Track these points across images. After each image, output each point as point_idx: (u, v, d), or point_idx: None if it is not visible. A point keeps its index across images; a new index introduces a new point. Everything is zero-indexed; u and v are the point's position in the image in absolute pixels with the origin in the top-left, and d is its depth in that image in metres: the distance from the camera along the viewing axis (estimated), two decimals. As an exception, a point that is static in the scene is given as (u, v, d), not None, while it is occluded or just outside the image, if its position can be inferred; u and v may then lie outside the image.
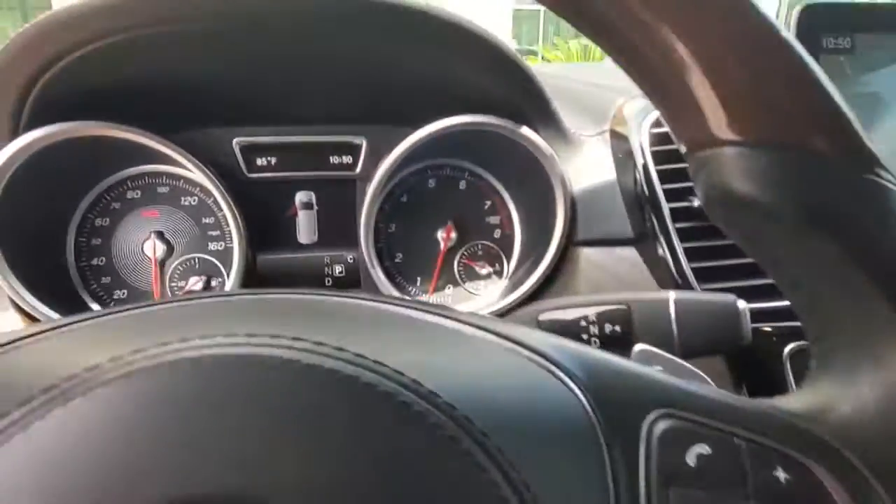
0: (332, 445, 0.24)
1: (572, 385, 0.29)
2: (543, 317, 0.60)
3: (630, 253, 0.82)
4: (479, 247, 0.98)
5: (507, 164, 0.93)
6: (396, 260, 0.97)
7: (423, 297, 0.97)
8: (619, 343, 0.54)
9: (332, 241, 0.96)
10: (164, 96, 0.80)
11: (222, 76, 0.80)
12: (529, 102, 0.79)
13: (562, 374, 0.29)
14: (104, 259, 0.89)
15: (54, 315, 0.77)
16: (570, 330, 0.57)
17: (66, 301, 0.84)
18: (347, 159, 0.94)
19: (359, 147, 0.94)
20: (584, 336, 0.56)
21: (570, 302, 0.59)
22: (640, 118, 0.81)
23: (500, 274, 0.98)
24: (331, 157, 0.94)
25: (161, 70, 0.75)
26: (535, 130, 0.81)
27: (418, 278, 0.97)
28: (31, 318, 0.77)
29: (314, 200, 0.95)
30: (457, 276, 0.98)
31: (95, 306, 0.88)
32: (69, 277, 0.87)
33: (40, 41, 0.64)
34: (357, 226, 0.95)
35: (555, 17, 0.30)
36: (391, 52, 0.75)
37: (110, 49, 0.66)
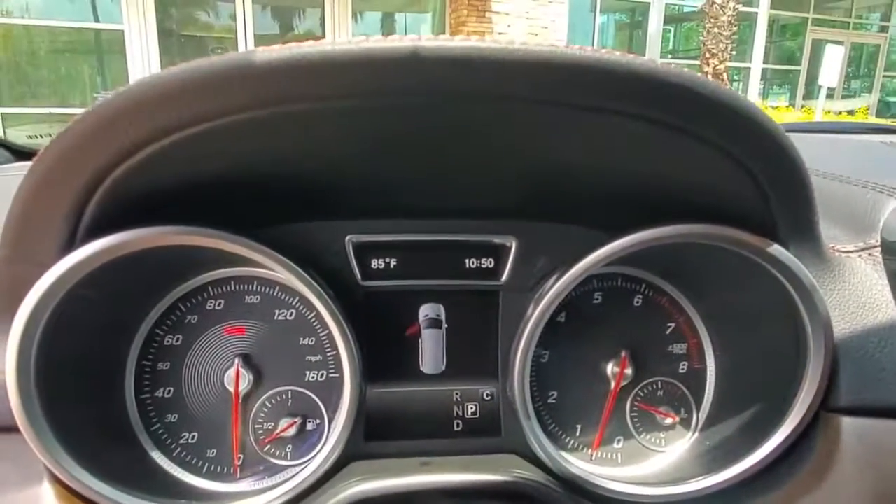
0: None
1: None
2: None
3: (931, 432, 0.56)
4: (659, 385, 0.73)
5: (709, 280, 0.69)
6: (550, 400, 0.72)
7: (585, 452, 0.72)
8: None
9: (463, 372, 0.73)
10: (262, 185, 0.59)
11: (336, 157, 0.58)
12: (787, 210, 0.55)
13: None
14: (172, 390, 0.67)
15: (100, 486, 0.54)
16: None
17: (118, 452, 0.63)
18: (488, 263, 0.72)
19: (505, 249, 0.71)
20: None
21: None
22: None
23: (686, 423, 0.73)
24: (467, 261, 0.72)
25: (262, 155, 0.54)
26: (785, 246, 0.57)
27: (578, 426, 0.72)
28: (68, 490, 0.55)
29: (443, 316, 0.72)
30: (629, 424, 0.72)
31: (156, 455, 0.66)
32: (126, 416, 0.65)
33: (120, 124, 0.43)
34: (498, 352, 0.72)
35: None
36: (590, 128, 0.51)
37: (208, 134, 0.45)
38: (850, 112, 12.32)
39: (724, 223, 0.57)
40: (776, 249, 0.55)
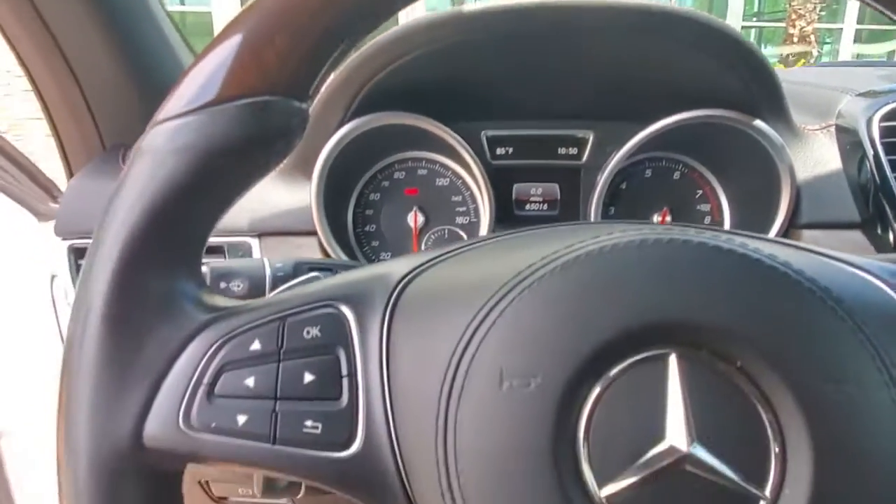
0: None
1: None
2: None
3: (856, 236, 0.89)
4: (690, 231, 1.08)
5: (723, 156, 1.03)
6: (614, 241, 1.09)
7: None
8: None
9: (557, 221, 1.11)
10: (444, 94, 0.98)
11: (486, 78, 0.97)
12: (764, 96, 0.89)
13: None
14: (374, 226, 1.09)
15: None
16: None
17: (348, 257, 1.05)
18: (573, 150, 1.08)
19: (585, 140, 1.07)
20: None
21: None
22: (870, 112, 0.88)
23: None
24: (559, 149, 1.09)
25: (450, 72, 0.93)
26: (765, 122, 0.91)
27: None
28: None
29: (542, 186, 1.11)
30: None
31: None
32: (349, 240, 1.08)
33: (393, 46, 0.84)
34: (579, 209, 1.09)
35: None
36: (641, 53, 0.88)
37: (430, 55, 0.85)
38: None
39: (725, 109, 0.91)
40: (758, 123, 0.90)
